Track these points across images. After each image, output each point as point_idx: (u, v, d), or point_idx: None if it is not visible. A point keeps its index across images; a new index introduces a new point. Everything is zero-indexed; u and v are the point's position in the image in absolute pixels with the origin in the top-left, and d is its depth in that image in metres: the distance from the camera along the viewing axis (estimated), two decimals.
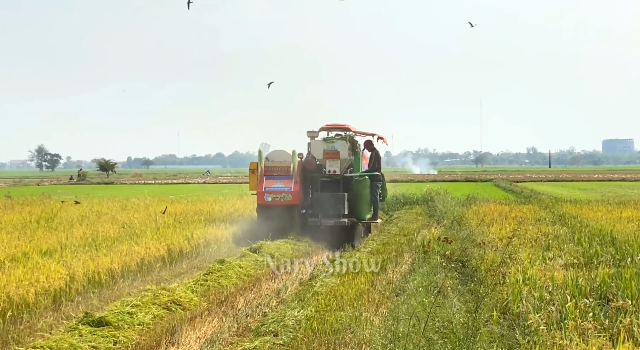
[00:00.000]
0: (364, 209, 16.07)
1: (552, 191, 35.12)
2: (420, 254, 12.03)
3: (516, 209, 20.23)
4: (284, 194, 15.60)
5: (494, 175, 68.81)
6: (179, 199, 27.21)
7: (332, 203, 15.71)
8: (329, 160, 16.36)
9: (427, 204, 25.21)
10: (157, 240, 12.99)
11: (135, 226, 15.34)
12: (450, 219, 18.48)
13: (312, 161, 16.32)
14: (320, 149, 16.47)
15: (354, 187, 16.14)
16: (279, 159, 16.25)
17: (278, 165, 16.11)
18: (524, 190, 35.14)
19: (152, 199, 25.90)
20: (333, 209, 15.67)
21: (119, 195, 30.32)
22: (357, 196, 15.97)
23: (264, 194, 15.65)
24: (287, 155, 16.25)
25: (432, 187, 32.17)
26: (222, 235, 14.80)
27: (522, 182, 52.23)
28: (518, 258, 10.46)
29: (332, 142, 16.46)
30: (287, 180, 15.76)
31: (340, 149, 16.39)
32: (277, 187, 15.67)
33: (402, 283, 9.65)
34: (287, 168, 15.94)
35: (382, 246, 13.78)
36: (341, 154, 16.36)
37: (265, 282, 10.39)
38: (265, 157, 16.34)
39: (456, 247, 11.81)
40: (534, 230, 14.27)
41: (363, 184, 16.12)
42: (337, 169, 16.30)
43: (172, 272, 11.42)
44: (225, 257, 11.57)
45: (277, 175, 15.91)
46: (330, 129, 17.20)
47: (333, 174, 16.26)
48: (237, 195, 26.69)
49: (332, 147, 16.42)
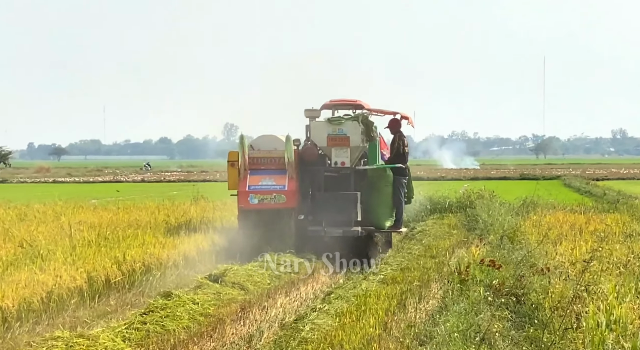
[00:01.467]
0: (383, 214, 16.63)
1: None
2: (455, 284, 12.03)
3: (596, 219, 20.27)
4: (275, 194, 16.04)
5: (562, 170, 69.24)
6: (106, 204, 27.12)
7: (340, 206, 16.19)
8: (335, 148, 16.74)
9: (465, 212, 25.25)
10: (73, 265, 12.92)
11: (40, 245, 15.25)
12: (499, 233, 18.51)
13: (312, 150, 16.77)
14: (323, 133, 16.81)
15: (369, 184, 16.60)
16: (267, 147, 16.65)
17: (267, 155, 16.54)
18: (607, 192, 35.24)
19: (66, 204, 25.80)
20: (341, 213, 16.16)
21: (15, 199, 30.17)
22: (374, 197, 16.53)
23: (248, 194, 16.08)
24: (278, 141, 16.64)
25: (472, 187, 32.21)
26: (169, 256, 14.79)
27: (604, 180, 52.48)
28: (599, 291, 10.46)
29: (339, 124, 16.78)
30: (279, 175, 16.22)
31: (351, 133, 16.68)
32: (265, 185, 16.12)
33: (428, 326, 9.65)
34: (280, 159, 16.34)
35: (400, 272, 13.77)
36: (351, 140, 16.70)
37: (231, 325, 10.36)
38: (250, 145, 16.63)
39: (508, 275, 11.80)
40: (623, 251, 14.27)
41: (383, 180, 16.64)
42: (346, 160, 16.70)
43: (94, 312, 11.37)
44: (172, 289, 11.53)
45: (266, 169, 16.39)
46: (336, 106, 17.63)
47: (341, 167, 16.70)
48: (191, 199, 26.65)
49: (339, 130, 16.73)
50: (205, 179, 61.23)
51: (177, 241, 16.24)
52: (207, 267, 14.35)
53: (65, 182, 60.30)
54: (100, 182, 61.02)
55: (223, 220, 20.22)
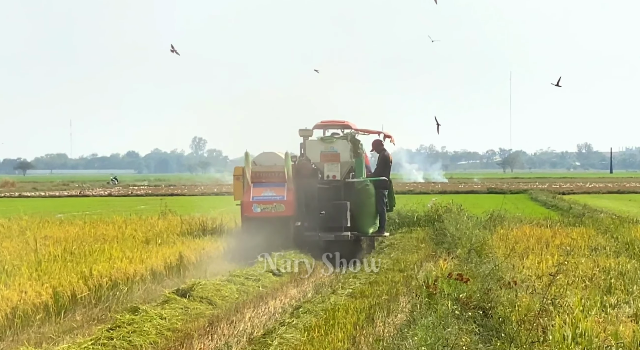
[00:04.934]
0: (367, 222, 18.96)
1: (615, 207, 35.52)
2: (423, 298, 12.04)
3: (562, 233, 20.39)
4: (276, 203, 18.15)
5: (529, 184, 69.58)
6: (72, 218, 26.93)
7: (331, 214, 18.57)
8: (327, 163, 19.13)
9: (433, 226, 25.30)
10: (38, 281, 12.81)
11: (5, 260, 15.13)
12: (467, 247, 18.57)
13: (307, 165, 19.01)
14: (317, 150, 19.26)
15: (355, 195, 18.89)
16: (268, 163, 18.92)
17: (268, 170, 18.76)
18: (573, 206, 35.47)
19: (31, 218, 25.61)
20: (333, 220, 18.50)
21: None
22: (360, 206, 18.81)
23: (252, 204, 18.19)
24: (278, 158, 18.88)
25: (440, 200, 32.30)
26: (136, 271, 14.72)
27: (570, 194, 52.84)
28: (565, 304, 10.53)
29: (331, 142, 19.25)
30: (278, 187, 18.31)
31: (341, 150, 19.17)
32: (267, 196, 18.23)
33: (397, 340, 9.65)
34: (279, 173, 18.50)
35: (369, 286, 13.78)
36: (342, 156, 19.16)
37: (199, 340, 10.32)
38: (252, 161, 18.80)
39: (475, 289, 11.84)
40: (589, 265, 14.38)
41: (366, 192, 18.90)
42: (337, 173, 19.12)
43: (59, 327, 11.27)
44: (139, 304, 11.47)
45: (267, 182, 18.54)
46: (326, 126, 19.93)
47: (332, 180, 19.10)
48: (159, 213, 26.54)
49: (331, 148, 19.17)
50: (173, 192, 61.02)
51: (144, 256, 16.16)
52: (174, 282, 14.29)
53: (30, 197, 59.80)
54: (66, 196, 60.55)
55: (191, 235, 20.20)
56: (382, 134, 20.26)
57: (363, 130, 20.18)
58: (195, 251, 17.33)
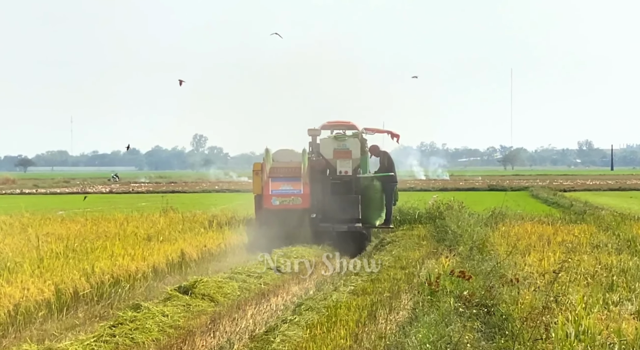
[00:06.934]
0: (374, 214, 20.67)
1: (617, 204, 35.52)
2: (425, 296, 12.04)
3: (564, 230, 20.39)
4: (293, 197, 19.62)
5: (530, 182, 69.55)
6: (73, 215, 26.95)
7: (344, 206, 20.16)
8: (340, 160, 20.67)
9: (434, 223, 25.28)
10: (40, 278, 12.82)
11: (6, 257, 15.13)
12: (469, 244, 18.57)
13: (321, 161, 20.54)
14: (330, 147, 20.86)
15: (364, 189, 20.59)
16: (285, 159, 20.39)
17: (286, 165, 20.18)
18: (574, 203, 35.48)
19: (33, 215, 25.60)
20: (346, 213, 20.12)
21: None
22: (368, 199, 20.48)
23: (271, 197, 19.62)
24: (294, 155, 20.46)
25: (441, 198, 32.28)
26: (138, 268, 14.73)
27: (571, 191, 52.84)
28: (568, 302, 10.53)
29: (343, 140, 20.84)
30: (295, 182, 19.74)
31: (352, 147, 20.81)
32: (285, 190, 19.67)
33: (399, 337, 9.65)
34: (295, 169, 19.92)
35: (370, 284, 13.77)
36: (353, 153, 20.75)
37: (201, 337, 10.33)
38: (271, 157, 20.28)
39: (478, 286, 11.84)
40: (591, 262, 14.39)
41: (373, 188, 20.70)
42: (348, 169, 20.64)
43: (62, 324, 11.29)
44: (142, 302, 11.49)
45: (285, 177, 19.89)
46: (333, 126, 21.57)
47: (344, 175, 20.60)
48: (160, 210, 26.54)
49: (343, 145, 20.78)
50: (174, 189, 61.02)
51: (146, 253, 16.17)
52: (176, 279, 14.30)
53: (31, 194, 59.79)
54: (67, 193, 60.52)
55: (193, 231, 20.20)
56: (390, 133, 22.05)
57: (371, 129, 21.76)
58: (197, 248, 17.34)
